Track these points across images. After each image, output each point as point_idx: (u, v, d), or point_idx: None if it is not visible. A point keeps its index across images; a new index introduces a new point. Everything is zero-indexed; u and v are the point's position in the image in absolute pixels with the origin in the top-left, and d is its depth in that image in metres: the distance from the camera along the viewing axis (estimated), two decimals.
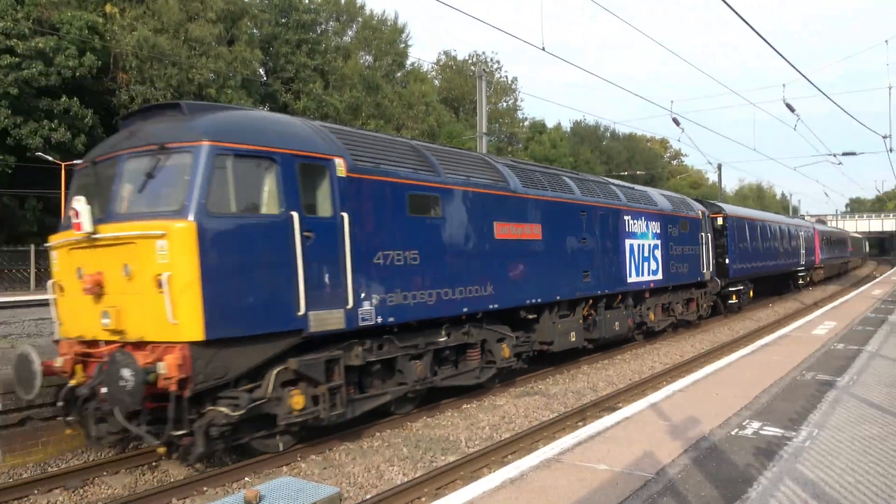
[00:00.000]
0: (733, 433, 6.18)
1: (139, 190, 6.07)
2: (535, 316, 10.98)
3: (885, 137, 27.82)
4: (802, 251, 31.30)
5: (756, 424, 6.43)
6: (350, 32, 55.21)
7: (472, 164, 9.83)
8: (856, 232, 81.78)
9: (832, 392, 7.66)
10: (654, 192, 16.52)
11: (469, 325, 9.41)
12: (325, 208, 6.96)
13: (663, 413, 7.03)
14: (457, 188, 8.91)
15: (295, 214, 6.49)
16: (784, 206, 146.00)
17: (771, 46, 10.78)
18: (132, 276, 5.83)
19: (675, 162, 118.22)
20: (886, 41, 22.29)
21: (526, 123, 78.37)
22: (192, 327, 5.64)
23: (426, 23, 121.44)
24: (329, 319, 6.87)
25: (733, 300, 21.48)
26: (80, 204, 6.02)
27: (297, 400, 6.70)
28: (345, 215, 7.06)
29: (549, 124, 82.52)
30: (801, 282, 31.67)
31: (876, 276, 44.11)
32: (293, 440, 7.36)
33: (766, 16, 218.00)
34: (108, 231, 5.98)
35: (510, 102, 76.21)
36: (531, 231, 10.45)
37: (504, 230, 9.77)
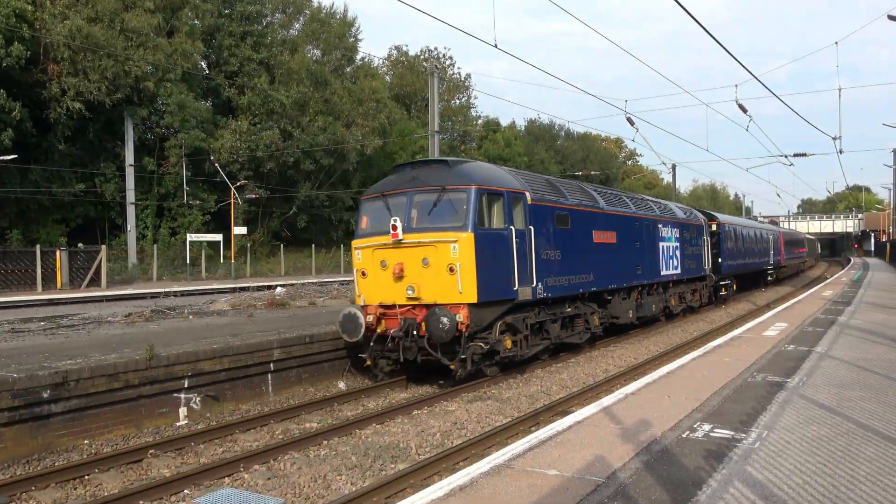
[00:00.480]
0: (684, 436, 6.32)
1: (427, 213, 10.26)
2: (609, 298, 15.64)
3: (835, 139, 28.74)
4: (771, 252, 36.59)
5: (707, 427, 6.59)
6: (297, 25, 54.55)
7: (579, 190, 14.62)
8: (807, 233, 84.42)
9: (782, 393, 7.90)
10: (673, 205, 21.83)
11: (578, 302, 14.00)
12: (520, 223, 11.22)
13: (616, 416, 7.16)
14: (577, 208, 13.46)
15: (511, 228, 10.75)
16: (737, 207, 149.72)
17: (721, 45, 11.08)
18: (429, 266, 10.01)
19: (629, 162, 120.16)
20: (836, 43, 23.03)
21: (479, 122, 78.62)
22: (472, 295, 9.83)
23: (377, 17, 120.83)
24: (526, 293, 11.23)
25: (723, 292, 26.72)
26: (397, 221, 10.28)
27: (508, 343, 11.15)
28: (532, 228, 11.39)
29: (504, 123, 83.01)
30: (769, 278, 36.99)
31: (827, 277, 45.57)
32: (498, 370, 11.93)
33: (719, 16, 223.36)
34: (410, 238, 10.19)
35: (463, 100, 76.36)
36: (611, 237, 15.14)
37: (598, 236, 14.40)
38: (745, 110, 23.14)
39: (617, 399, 8.00)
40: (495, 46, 15.40)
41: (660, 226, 18.93)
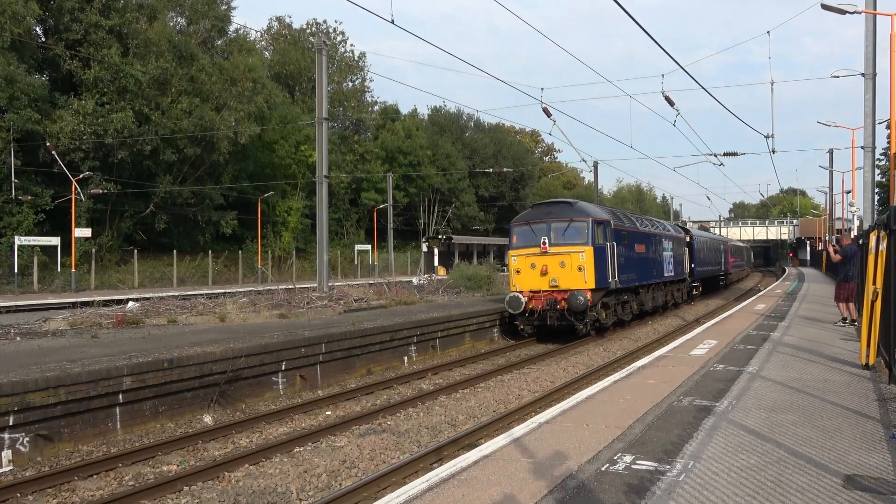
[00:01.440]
0: (603, 469, 6.53)
1: (562, 234, 20.94)
2: (640, 291, 25.53)
3: (767, 137, 30.32)
4: (723, 260, 48.35)
5: (628, 458, 6.82)
6: None
7: (626, 215, 25.11)
8: (739, 240, 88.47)
9: (710, 419, 8.26)
10: (669, 224, 34.20)
11: (628, 293, 23.79)
12: (609, 240, 21.38)
13: (528, 449, 7.32)
14: (629, 229, 23.39)
15: (607, 244, 20.87)
16: (664, 210, 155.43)
17: (643, 29, 11.50)
18: (565, 266, 20.63)
19: (547, 158, 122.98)
20: (768, 32, 24.32)
21: (376, 108, 78.68)
22: (591, 283, 20.28)
23: None
24: (614, 283, 21.11)
25: (695, 292, 37.78)
26: (546, 240, 21.00)
27: (605, 314, 21.45)
28: (614, 243, 21.26)
29: (404, 110, 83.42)
30: (721, 283, 48.79)
31: (760, 289, 47.86)
32: (598, 335, 22.23)
33: (645, 1, 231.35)
34: (553, 249, 21.00)
35: (357, 82, 76.20)
36: (642, 248, 25.10)
37: (637, 248, 24.21)
38: (671, 103, 24.08)
39: (530, 429, 8.17)
40: (392, 22, 15.49)
41: (663, 240, 29.62)
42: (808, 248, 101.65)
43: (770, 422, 8.05)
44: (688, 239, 35.93)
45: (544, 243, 21.54)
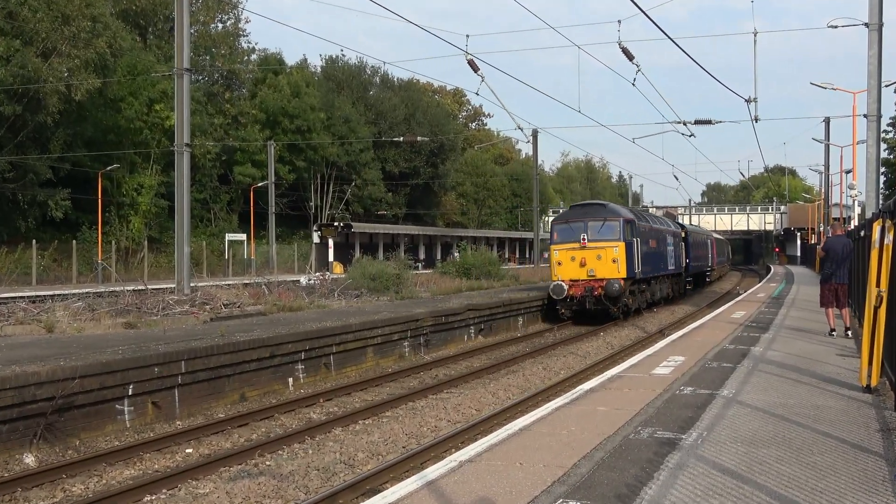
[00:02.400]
0: None
1: (597, 231, 32.42)
2: (651, 282, 36.53)
3: (749, 101, 31.07)
4: (709, 256, 58.44)
5: None
6: None
7: (641, 214, 38.93)
8: (715, 231, 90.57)
9: (675, 455, 8.41)
10: (670, 220, 44.78)
11: (644, 283, 35.83)
12: (634, 236, 33.25)
13: (446, 495, 7.32)
14: (645, 226, 35.55)
15: (633, 239, 32.94)
16: (620, 193, 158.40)
17: None
18: (601, 258, 31.99)
19: (474, 125, 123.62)
20: None
21: (254, 57, 77.87)
22: (624, 273, 31.82)
23: None
24: (639, 273, 33.54)
25: (689, 287, 48.38)
26: (585, 237, 32.27)
27: (631, 300, 33.63)
28: (637, 239, 33.47)
29: (290, 61, 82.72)
30: (708, 278, 60.33)
31: (739, 292, 49.07)
32: (622, 318, 33.29)
33: None
34: (591, 244, 32.22)
35: (229, 23, 75.30)
36: (654, 244, 36.62)
37: (650, 244, 35.89)
38: (630, 56, 24.45)
39: (448, 469, 8.19)
40: None
41: (667, 235, 39.75)
42: (799, 242, 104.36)
43: (749, 458, 8.23)
44: (683, 234, 46.30)
45: (583, 239, 32.00)
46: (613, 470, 7.91)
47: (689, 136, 40.55)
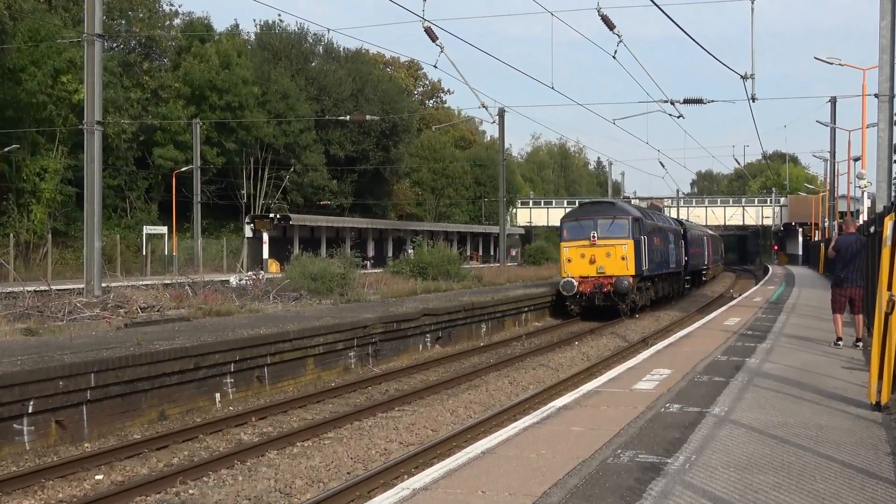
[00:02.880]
0: None
1: (607, 229, 38.42)
2: (655, 280, 42.91)
3: (745, 78, 31.29)
4: (706, 254, 64.92)
5: None
6: None
7: (646, 212, 44.53)
8: (706, 225, 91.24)
9: (659, 482, 8.43)
10: (670, 218, 56.14)
11: (651, 280, 42.60)
12: (642, 234, 39.70)
13: None
14: (650, 225, 41.83)
15: (642, 237, 39.33)
16: (599, 182, 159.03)
17: None
18: (610, 256, 37.91)
19: (431, 103, 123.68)
20: None
21: (177, 22, 77.33)
22: (632, 270, 37.85)
23: None
24: (646, 270, 39.99)
25: (687, 286, 54.09)
26: (595, 234, 38.27)
27: (639, 297, 39.74)
28: (644, 237, 39.59)
29: (219, 26, 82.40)
30: (704, 278, 65.64)
31: (733, 295, 49.48)
32: (631, 314, 39.29)
33: None
34: (600, 242, 38.16)
35: None
36: (658, 242, 43.00)
37: (655, 241, 42.11)
38: (611, 26, 24.56)
39: (400, 498, 8.16)
40: None
41: (668, 233, 45.56)
42: (801, 239, 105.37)
43: (743, 485, 8.27)
44: (682, 231, 52.20)
45: (593, 236, 37.34)
46: (589, 499, 7.91)
47: (678, 117, 40.86)
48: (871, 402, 11.98)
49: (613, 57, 32.44)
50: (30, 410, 13.91)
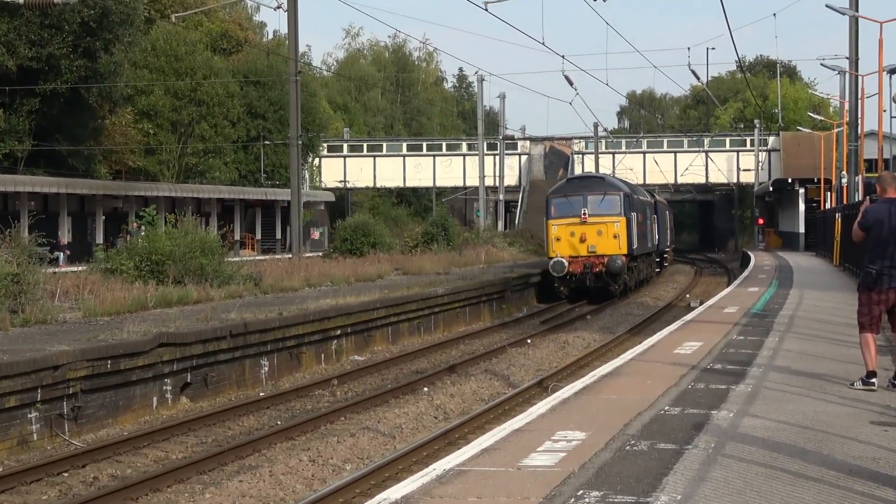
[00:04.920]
0: None
1: (598, 206, 70.56)
2: (639, 260, 79.69)
3: None
4: (668, 230, 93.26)
5: None
6: None
7: (631, 186, 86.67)
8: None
9: None
10: (646, 190, 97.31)
11: (639, 258, 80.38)
12: (632, 210, 74.28)
13: None
14: (636, 199, 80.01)
15: (633, 214, 73.79)
16: (464, 111, 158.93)
17: None
18: (601, 234, 69.60)
19: None
20: None
21: None
22: (625, 249, 70.13)
23: None
24: (636, 249, 74.58)
25: (657, 270, 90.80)
26: (587, 210, 69.53)
27: (629, 277, 73.63)
28: (633, 214, 74.55)
29: None
30: (665, 264, 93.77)
31: (691, 303, 50.37)
32: (629, 289, 75.74)
33: None
34: (591, 219, 69.43)
35: None
36: (641, 218, 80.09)
37: (638, 218, 77.18)
38: None
39: None
40: None
41: (646, 208, 79.06)
42: (802, 207, 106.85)
43: None
44: (654, 205, 76.62)
45: (584, 213, 56.44)
46: None
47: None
48: None
49: None
50: None
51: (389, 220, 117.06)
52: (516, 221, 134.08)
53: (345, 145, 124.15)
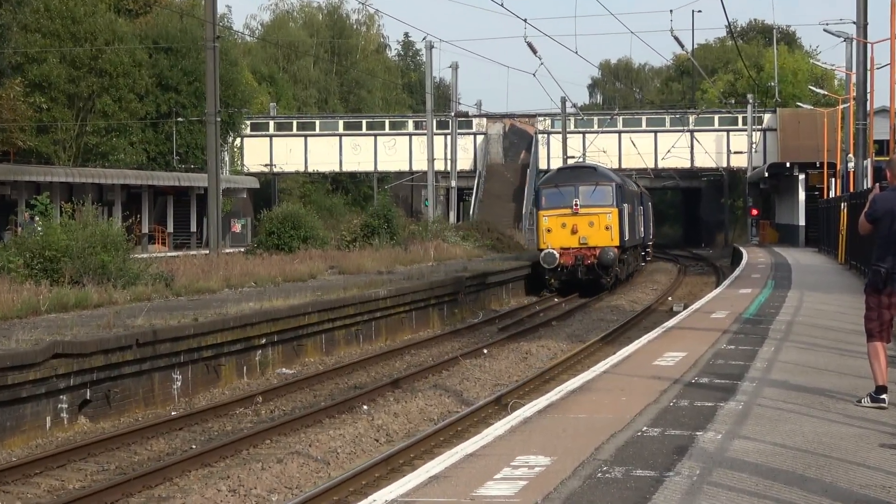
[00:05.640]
0: None
1: (589, 196, 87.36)
2: (628, 252, 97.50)
3: None
4: (651, 225, 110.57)
5: None
6: None
7: (621, 176, 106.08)
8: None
9: None
10: (625, 177, 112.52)
11: (629, 250, 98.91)
12: (624, 201, 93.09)
13: None
14: (628, 188, 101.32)
15: (624, 205, 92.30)
16: (409, 83, 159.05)
17: None
18: (593, 225, 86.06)
19: None
20: None
21: None
22: (617, 241, 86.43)
23: None
24: (627, 241, 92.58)
25: (643, 264, 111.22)
26: (579, 200, 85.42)
27: (621, 269, 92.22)
28: (625, 205, 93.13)
29: None
30: (648, 258, 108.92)
31: (673, 307, 50.55)
32: (619, 279, 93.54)
33: None
34: (583, 210, 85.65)
35: None
36: (630, 209, 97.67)
37: (627, 208, 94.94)
38: None
39: None
40: None
41: (634, 198, 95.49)
42: (802, 196, 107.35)
43: None
44: (640, 195, 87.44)
45: (576, 204, 69.75)
46: None
47: None
48: None
49: None
50: None
51: (323, 210, 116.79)
52: (471, 212, 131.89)
53: (271, 123, 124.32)
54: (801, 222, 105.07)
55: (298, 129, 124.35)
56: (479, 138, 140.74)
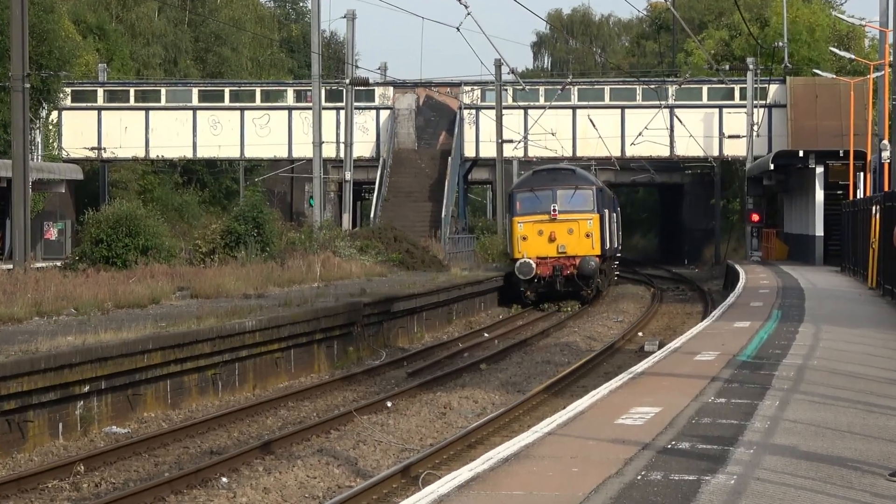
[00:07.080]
0: None
1: (568, 201, 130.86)
2: (608, 264, 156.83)
3: None
4: (619, 233, 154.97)
5: None
6: None
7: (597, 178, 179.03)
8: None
9: None
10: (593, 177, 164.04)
11: (608, 259, 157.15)
12: (605, 206, 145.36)
13: None
14: (607, 192, 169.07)
15: (605, 211, 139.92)
16: (290, 40, 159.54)
17: None
18: (573, 233, 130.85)
19: None
20: None
21: None
22: (598, 249, 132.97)
23: None
24: (608, 249, 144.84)
25: (616, 276, 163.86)
26: (557, 206, 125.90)
27: (601, 280, 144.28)
28: (606, 211, 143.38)
29: None
30: (616, 276, 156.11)
31: (646, 346, 50.86)
32: (599, 292, 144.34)
33: None
34: (561, 217, 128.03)
35: None
36: (612, 217, 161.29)
37: (609, 216, 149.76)
38: None
39: None
40: None
41: (611, 204, 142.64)
42: (821, 196, 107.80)
43: None
44: (613, 197, 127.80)
45: (554, 210, 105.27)
46: None
47: None
48: None
49: None
50: None
51: (171, 210, 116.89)
52: (372, 215, 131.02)
53: (100, 91, 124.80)
54: (819, 232, 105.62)
55: (137, 99, 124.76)
56: (384, 114, 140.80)
